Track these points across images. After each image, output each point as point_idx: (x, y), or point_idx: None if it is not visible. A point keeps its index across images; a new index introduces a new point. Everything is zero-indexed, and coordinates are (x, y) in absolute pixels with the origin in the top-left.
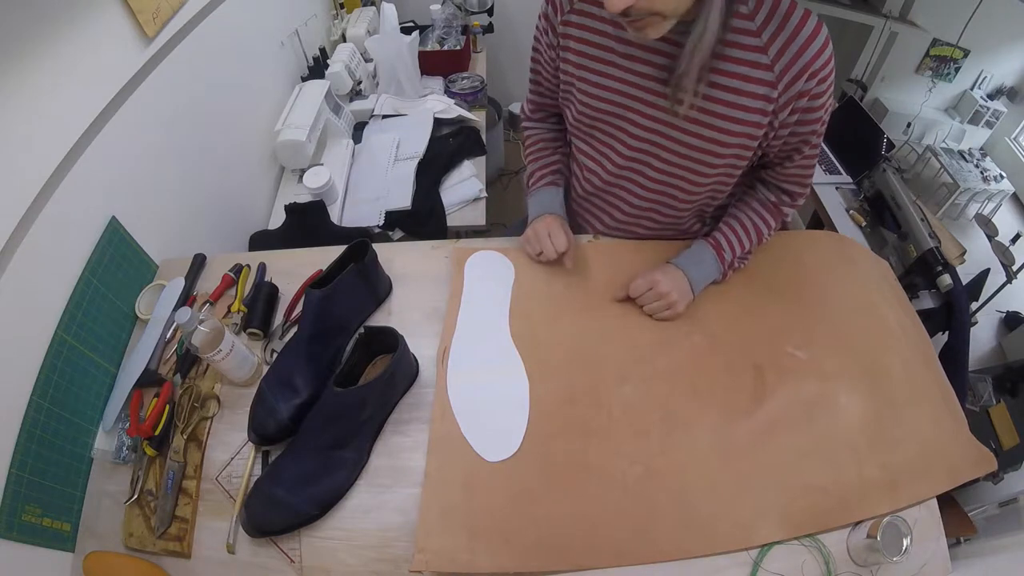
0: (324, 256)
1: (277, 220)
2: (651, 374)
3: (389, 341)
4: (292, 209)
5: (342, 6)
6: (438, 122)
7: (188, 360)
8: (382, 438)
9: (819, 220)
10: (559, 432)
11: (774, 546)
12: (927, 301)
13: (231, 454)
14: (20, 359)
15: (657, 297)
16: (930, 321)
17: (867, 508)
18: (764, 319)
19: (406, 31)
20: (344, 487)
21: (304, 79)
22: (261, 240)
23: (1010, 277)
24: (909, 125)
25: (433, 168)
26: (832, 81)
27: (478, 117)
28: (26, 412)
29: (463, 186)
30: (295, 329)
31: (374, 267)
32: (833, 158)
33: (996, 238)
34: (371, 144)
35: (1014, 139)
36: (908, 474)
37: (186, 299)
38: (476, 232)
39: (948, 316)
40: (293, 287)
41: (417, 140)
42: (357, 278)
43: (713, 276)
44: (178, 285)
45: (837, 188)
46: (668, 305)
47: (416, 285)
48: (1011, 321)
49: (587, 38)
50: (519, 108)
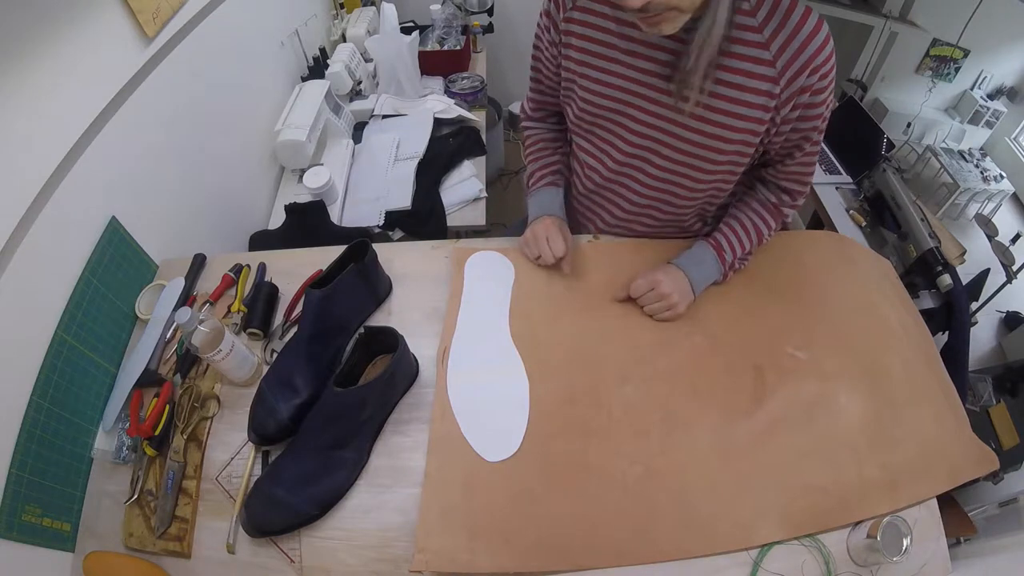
0: (324, 256)
1: (277, 220)
2: (651, 374)
3: (389, 341)
4: (292, 209)
5: (342, 6)
6: (438, 122)
7: (188, 360)
8: (382, 438)
9: (819, 220)
10: (559, 432)
11: (774, 546)
12: (927, 301)
13: (231, 454)
14: (20, 359)
15: (658, 298)
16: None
17: (867, 508)
18: (764, 319)
19: (406, 31)
20: (344, 487)
21: (304, 79)
22: (261, 240)
23: (1010, 277)
24: (909, 125)
25: (433, 168)
26: (833, 77)
27: (478, 117)
28: (26, 412)
29: (463, 186)
30: (295, 329)
31: (374, 267)
32: (833, 158)
33: (996, 238)
34: (371, 144)
35: (1014, 139)
36: (908, 474)
37: (186, 299)
38: (476, 232)
39: (948, 316)
40: (293, 287)
41: (417, 140)
42: (357, 278)
43: (714, 277)
44: (178, 285)
45: (837, 188)
46: (669, 306)
47: (416, 285)
48: (1011, 321)
49: (589, 35)
50: (519, 108)
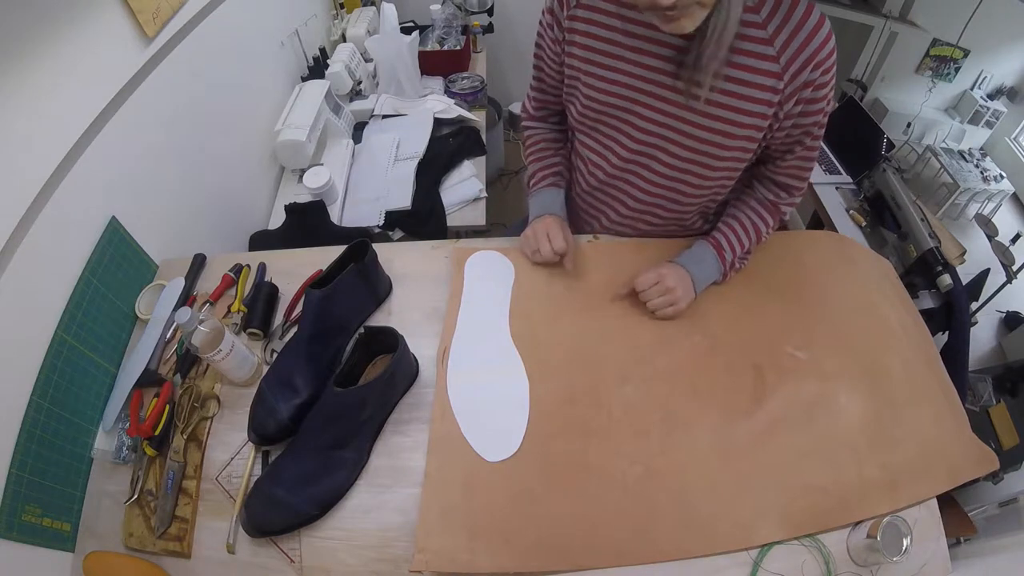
0: (324, 256)
1: (277, 220)
2: (651, 374)
3: (389, 341)
4: (292, 209)
5: (342, 6)
6: (438, 122)
7: (188, 360)
8: (382, 438)
9: (819, 220)
10: (559, 432)
11: (774, 546)
12: (927, 301)
13: (231, 454)
14: (20, 359)
15: (663, 292)
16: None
17: (867, 508)
18: (764, 319)
19: (406, 31)
20: (344, 487)
21: (304, 79)
22: (261, 240)
23: (1010, 277)
24: (909, 125)
25: (433, 168)
26: (835, 71)
27: (478, 117)
28: (26, 412)
29: (463, 186)
30: (295, 329)
31: (374, 267)
32: (833, 158)
33: (996, 238)
34: (371, 144)
35: (1014, 139)
36: (908, 474)
37: (186, 299)
38: (476, 232)
39: (948, 316)
40: (293, 287)
41: (417, 140)
42: (357, 278)
43: (714, 276)
44: (178, 285)
45: (837, 188)
46: (672, 301)
47: (416, 285)
48: (1011, 321)
49: (594, 32)
50: (519, 108)
